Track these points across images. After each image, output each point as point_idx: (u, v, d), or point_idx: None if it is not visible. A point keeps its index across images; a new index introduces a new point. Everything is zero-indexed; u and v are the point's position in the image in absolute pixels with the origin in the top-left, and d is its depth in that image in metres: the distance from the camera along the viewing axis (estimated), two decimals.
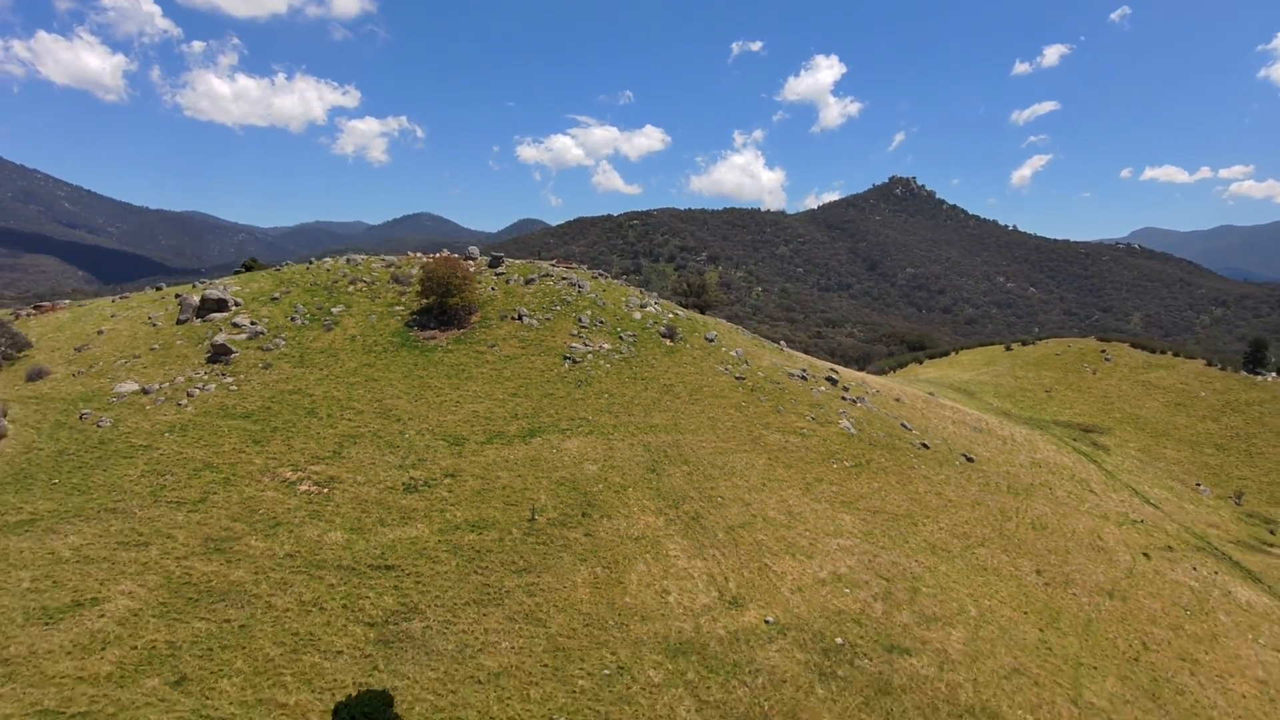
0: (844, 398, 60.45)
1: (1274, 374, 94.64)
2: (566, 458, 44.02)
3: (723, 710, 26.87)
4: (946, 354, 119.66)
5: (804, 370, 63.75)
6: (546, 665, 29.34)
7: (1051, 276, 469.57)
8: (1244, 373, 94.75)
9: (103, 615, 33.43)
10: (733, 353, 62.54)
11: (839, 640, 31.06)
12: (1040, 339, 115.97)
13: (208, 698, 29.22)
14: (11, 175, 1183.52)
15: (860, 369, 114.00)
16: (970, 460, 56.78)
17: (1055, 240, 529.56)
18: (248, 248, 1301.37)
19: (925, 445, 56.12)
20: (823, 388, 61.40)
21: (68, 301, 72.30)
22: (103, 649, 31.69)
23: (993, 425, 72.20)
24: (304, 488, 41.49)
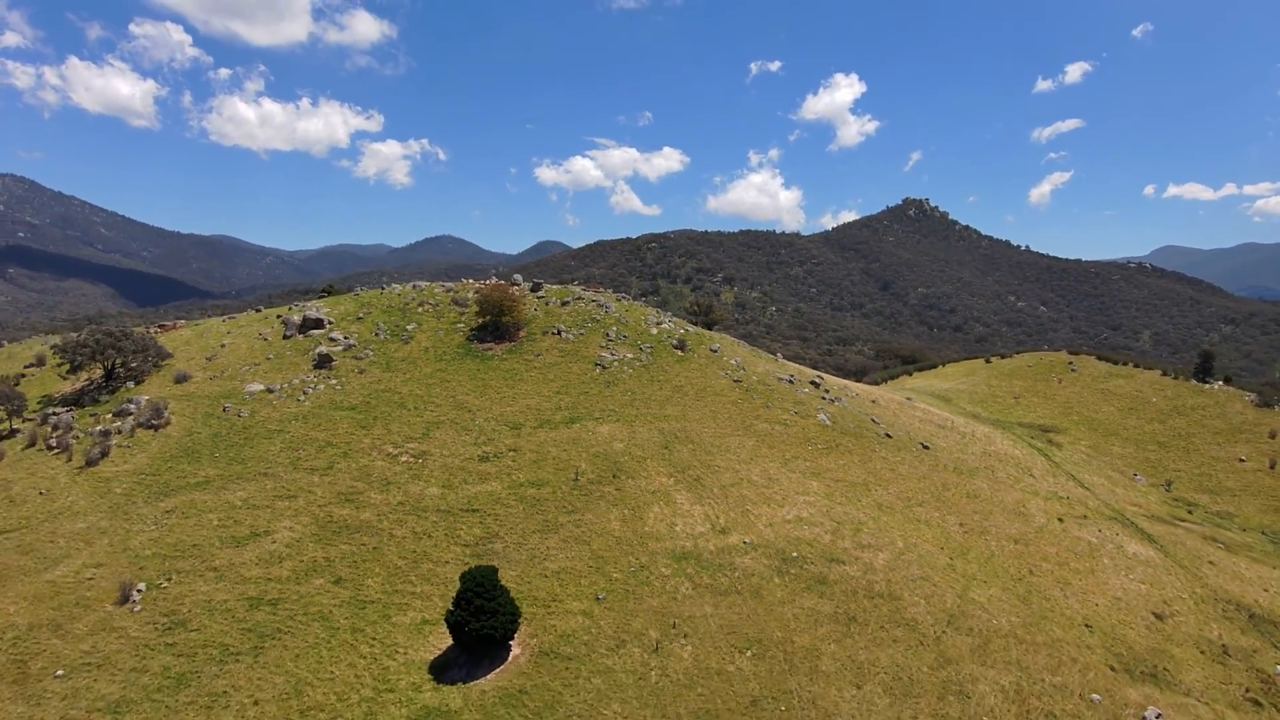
0: (824, 398, 73.54)
1: (1220, 383, 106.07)
2: (599, 438, 57.52)
3: (711, 589, 40.05)
4: (935, 367, 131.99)
5: (792, 376, 76.97)
6: (591, 566, 42.69)
7: (1062, 295, 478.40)
8: (1194, 381, 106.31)
9: (274, 541, 47.33)
10: (732, 361, 75.92)
11: (794, 554, 44.12)
12: (1018, 353, 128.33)
13: (359, 590, 42.94)
14: (50, 202, 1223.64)
15: (857, 380, 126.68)
16: (926, 448, 69.56)
17: (1066, 260, 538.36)
18: (275, 271, 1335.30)
19: (889, 435, 69.02)
20: (806, 390, 74.55)
21: (183, 321, 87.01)
22: (280, 561, 45.56)
23: (957, 424, 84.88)
24: (404, 459, 55.31)
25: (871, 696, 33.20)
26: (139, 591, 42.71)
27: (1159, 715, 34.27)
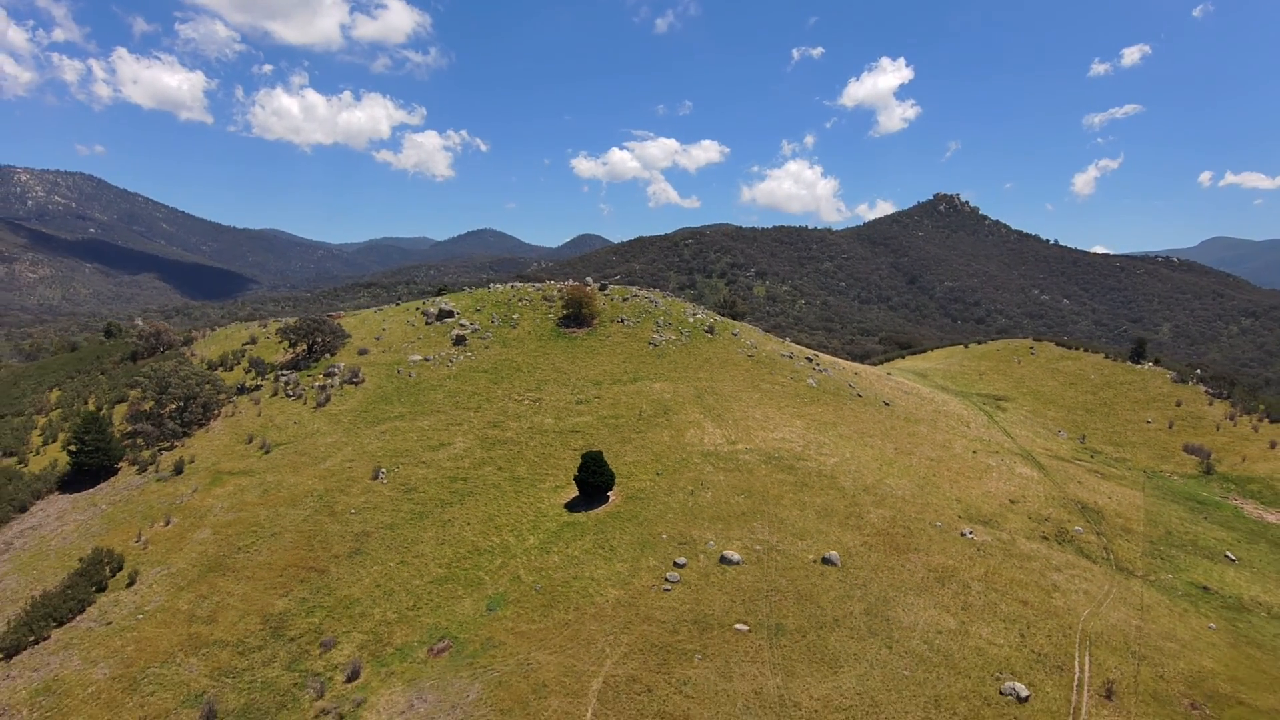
0: (814, 369, 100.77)
1: (1150, 364, 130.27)
2: (654, 391, 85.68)
3: (723, 469, 67.91)
4: (924, 351, 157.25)
5: (792, 353, 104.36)
6: (652, 459, 70.82)
7: (1085, 289, 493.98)
8: (1129, 363, 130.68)
9: (454, 448, 76.36)
10: (748, 342, 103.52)
11: (775, 454, 71.78)
12: (991, 339, 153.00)
13: (513, 472, 71.67)
14: (116, 199, 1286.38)
15: (860, 362, 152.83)
16: (887, 404, 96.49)
17: (1093, 254, 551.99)
18: (326, 264, 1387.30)
19: (860, 395, 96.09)
20: (802, 363, 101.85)
21: (344, 312, 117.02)
22: (460, 459, 74.52)
23: (921, 391, 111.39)
24: (525, 402, 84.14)
25: (807, 516, 60.73)
26: (383, 472, 72.08)
27: (971, 533, 61.21)
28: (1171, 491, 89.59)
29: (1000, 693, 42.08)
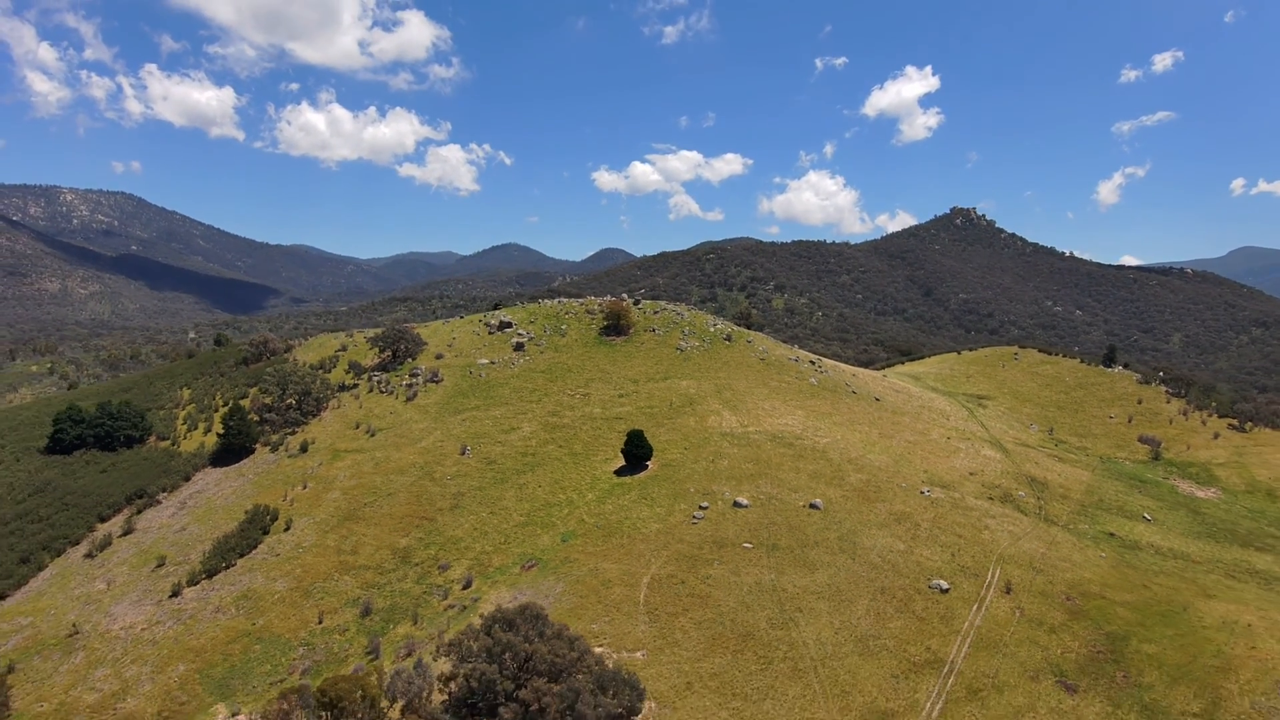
0: (817, 370, 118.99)
1: (1120, 368, 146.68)
2: (681, 387, 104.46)
3: (738, 445, 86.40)
4: (922, 358, 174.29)
5: (798, 357, 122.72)
6: (681, 438, 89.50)
7: (1098, 300, 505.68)
8: (1101, 366, 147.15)
9: (522, 432, 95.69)
10: (760, 348, 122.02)
11: (779, 434, 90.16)
12: (982, 347, 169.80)
13: (572, 449, 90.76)
14: (155, 217, 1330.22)
15: (865, 367, 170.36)
16: (878, 400, 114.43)
17: (1106, 266, 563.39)
18: (356, 279, 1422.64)
19: (854, 391, 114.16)
20: (806, 366, 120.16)
21: (416, 324, 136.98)
22: (528, 439, 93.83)
23: (910, 390, 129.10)
24: (577, 396, 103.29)
25: (800, 477, 78.96)
26: (468, 449, 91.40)
27: (929, 492, 79.09)
28: (1119, 473, 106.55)
29: (929, 587, 60.17)
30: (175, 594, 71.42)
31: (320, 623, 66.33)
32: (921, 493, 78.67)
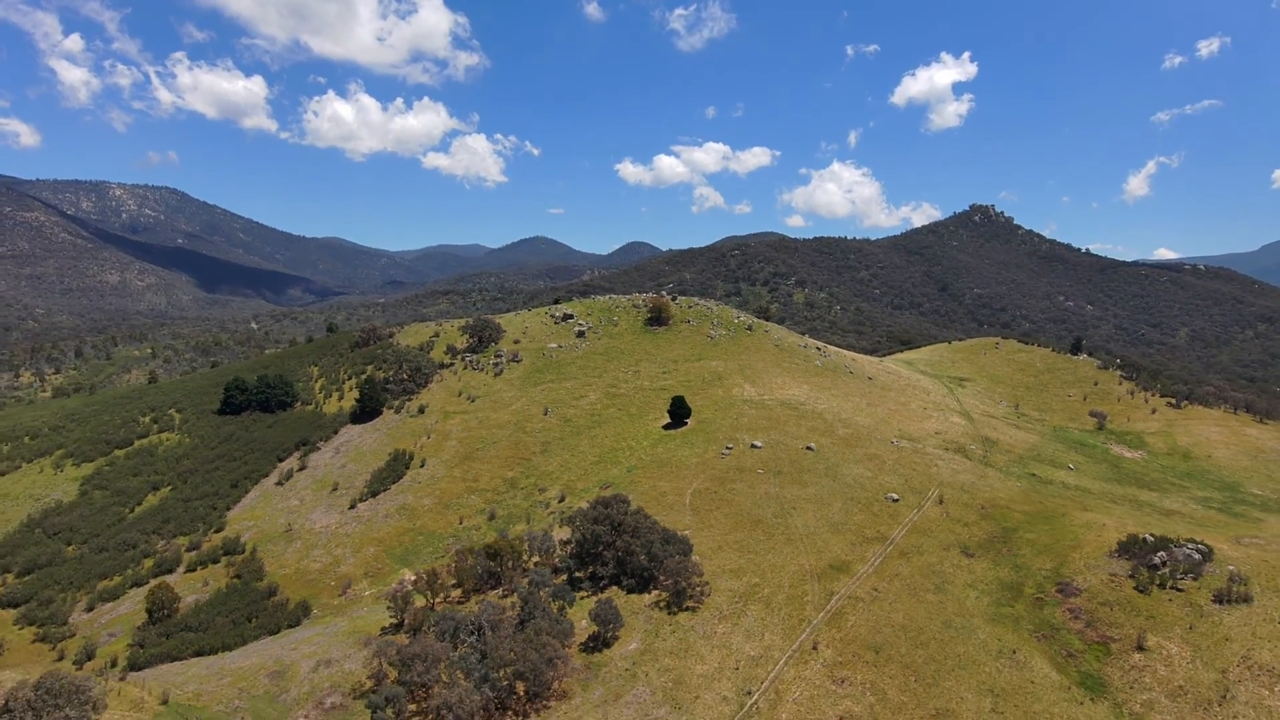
0: (822, 355, 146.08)
1: (1084, 355, 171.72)
2: (710, 367, 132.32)
3: (756, 410, 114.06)
4: (919, 347, 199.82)
5: (806, 344, 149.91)
6: (712, 403, 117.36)
7: (1109, 295, 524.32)
8: (1069, 354, 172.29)
9: (589, 399, 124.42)
10: (776, 337, 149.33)
11: (789, 402, 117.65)
12: (967, 338, 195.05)
13: (629, 411, 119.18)
14: (198, 211, 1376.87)
15: (867, 353, 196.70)
16: (870, 379, 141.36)
17: (1119, 262, 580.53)
18: (390, 271, 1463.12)
19: (851, 372, 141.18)
20: (813, 351, 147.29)
21: (491, 315, 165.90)
22: (594, 404, 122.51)
23: (900, 371, 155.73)
24: (629, 373, 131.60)
25: (801, 429, 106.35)
26: (549, 411, 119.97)
27: (898, 442, 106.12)
28: (1065, 438, 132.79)
29: (885, 498, 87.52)
30: (352, 506, 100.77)
31: (460, 523, 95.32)
32: (892, 443, 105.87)
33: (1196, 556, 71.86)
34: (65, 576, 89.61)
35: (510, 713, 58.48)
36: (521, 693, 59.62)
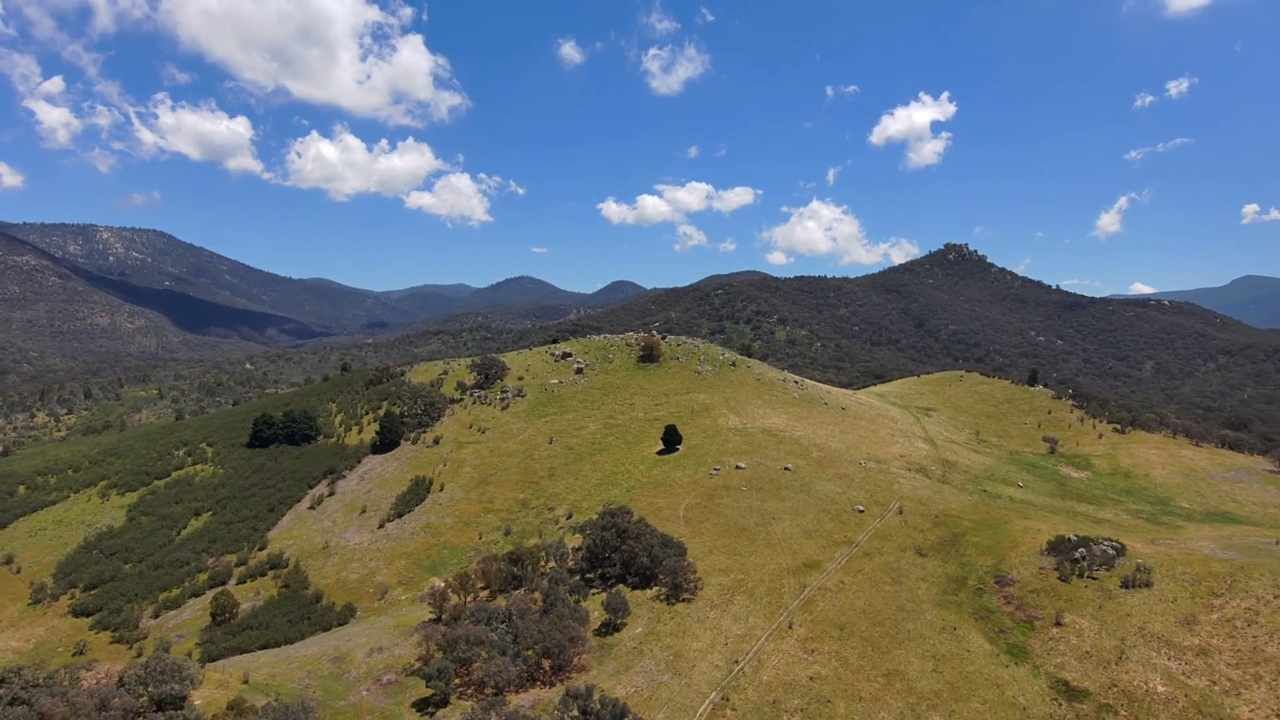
0: (799, 388, 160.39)
1: (1041, 386, 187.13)
2: (699, 399, 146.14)
3: (740, 437, 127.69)
4: (890, 380, 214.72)
5: (785, 378, 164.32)
6: (700, 431, 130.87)
7: (1079, 330, 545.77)
8: (1026, 386, 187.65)
9: (589, 430, 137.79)
10: (757, 372, 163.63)
11: (770, 430, 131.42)
12: (937, 371, 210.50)
13: (626, 439, 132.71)
14: (185, 254, 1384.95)
15: (843, 386, 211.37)
16: (844, 409, 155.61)
17: (1086, 298, 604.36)
18: (376, 311, 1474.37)
19: (826, 403, 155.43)
20: (791, 384, 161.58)
21: (495, 354, 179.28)
22: (594, 434, 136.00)
23: (872, 403, 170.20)
24: (625, 405, 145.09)
25: (780, 453, 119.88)
26: (554, 440, 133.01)
27: (866, 464, 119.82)
28: (1019, 461, 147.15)
29: (852, 510, 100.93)
30: (381, 526, 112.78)
31: (480, 538, 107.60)
32: (860, 464, 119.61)
33: (1111, 552, 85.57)
34: (129, 589, 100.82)
35: (539, 683, 70.71)
36: (547, 667, 71.89)
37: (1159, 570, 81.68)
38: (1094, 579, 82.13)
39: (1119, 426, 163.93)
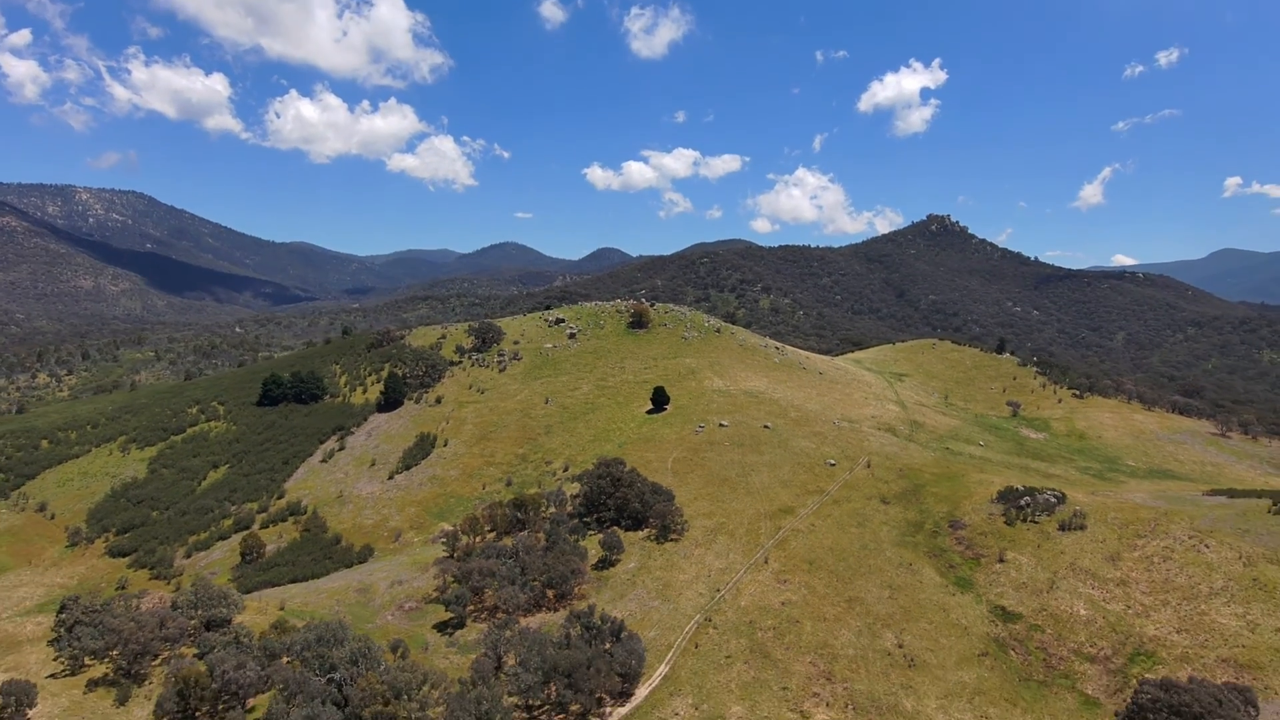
0: (779, 353, 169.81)
1: (1008, 354, 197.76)
2: (685, 363, 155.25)
3: (723, 398, 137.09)
4: (866, 347, 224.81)
5: (766, 344, 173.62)
6: (686, 393, 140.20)
7: (1054, 301, 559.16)
8: (994, 353, 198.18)
9: (583, 391, 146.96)
10: (740, 338, 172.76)
11: (750, 391, 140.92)
12: (912, 339, 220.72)
13: (618, 400, 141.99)
14: (166, 216, 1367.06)
15: (823, 353, 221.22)
16: (821, 374, 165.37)
17: (1062, 269, 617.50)
18: (360, 276, 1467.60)
19: (804, 368, 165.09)
20: (772, 350, 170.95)
21: (490, 320, 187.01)
22: (587, 395, 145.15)
23: (848, 368, 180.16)
24: (615, 368, 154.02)
25: (760, 412, 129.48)
26: (550, 400, 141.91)
27: (840, 423, 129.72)
28: (983, 423, 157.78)
29: (824, 463, 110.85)
30: (390, 477, 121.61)
31: (483, 489, 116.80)
32: (834, 423, 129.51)
33: (1053, 500, 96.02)
34: (160, 533, 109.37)
35: (544, 609, 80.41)
36: (551, 596, 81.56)
37: (1093, 516, 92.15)
38: (1035, 523, 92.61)
39: (1078, 392, 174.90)
